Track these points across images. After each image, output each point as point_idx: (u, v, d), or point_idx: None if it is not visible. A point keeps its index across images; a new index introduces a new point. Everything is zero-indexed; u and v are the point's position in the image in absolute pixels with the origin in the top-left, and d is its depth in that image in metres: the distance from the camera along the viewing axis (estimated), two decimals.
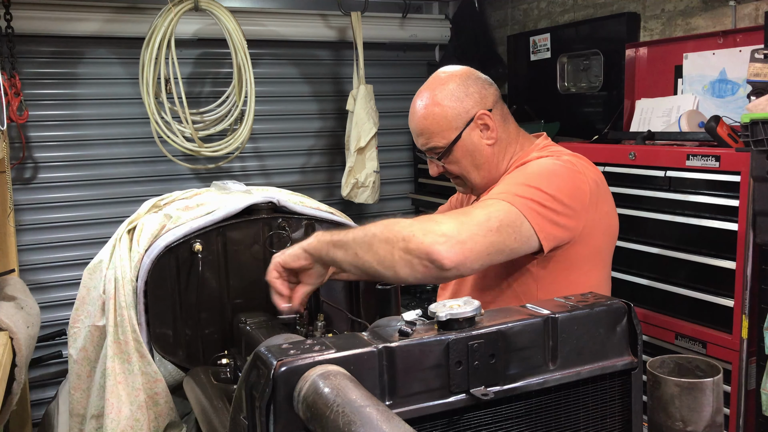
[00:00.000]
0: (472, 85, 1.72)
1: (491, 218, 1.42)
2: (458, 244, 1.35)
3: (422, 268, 1.35)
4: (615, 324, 1.11)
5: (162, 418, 1.76)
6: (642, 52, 3.16)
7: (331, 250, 1.46)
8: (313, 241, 1.50)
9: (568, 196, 1.53)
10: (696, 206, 2.41)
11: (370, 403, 0.80)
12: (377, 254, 1.39)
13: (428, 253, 1.34)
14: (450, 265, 1.34)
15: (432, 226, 1.37)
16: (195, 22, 3.54)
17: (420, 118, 1.72)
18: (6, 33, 3.15)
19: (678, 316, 2.51)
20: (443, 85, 1.72)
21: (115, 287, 1.75)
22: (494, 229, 1.40)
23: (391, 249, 1.37)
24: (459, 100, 1.70)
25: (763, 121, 1.97)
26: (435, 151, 1.73)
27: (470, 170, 1.74)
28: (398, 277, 1.39)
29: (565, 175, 1.58)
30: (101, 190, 3.63)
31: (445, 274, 1.36)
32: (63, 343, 3.01)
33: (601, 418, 1.12)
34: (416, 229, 1.37)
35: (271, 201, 1.95)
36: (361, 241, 1.42)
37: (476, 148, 1.72)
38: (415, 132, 1.75)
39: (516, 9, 4.04)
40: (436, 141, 1.71)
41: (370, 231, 1.42)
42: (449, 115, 1.69)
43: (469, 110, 1.70)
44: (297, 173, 4.12)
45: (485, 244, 1.38)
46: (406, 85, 4.21)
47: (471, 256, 1.36)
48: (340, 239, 1.45)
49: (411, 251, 1.35)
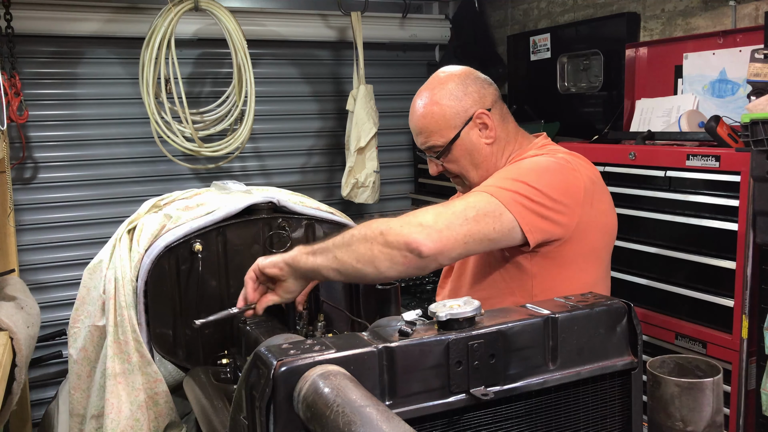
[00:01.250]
0: (471, 84, 1.73)
1: (468, 208, 1.45)
2: (435, 232, 1.38)
3: (402, 258, 1.38)
4: (615, 324, 1.11)
5: (162, 418, 1.76)
6: (642, 52, 3.15)
7: (310, 258, 1.47)
8: (294, 252, 1.52)
9: (559, 191, 1.54)
10: (696, 206, 2.41)
11: (370, 403, 0.80)
12: (356, 252, 1.41)
13: (407, 243, 1.36)
14: (428, 253, 1.37)
15: (409, 218, 1.41)
16: (195, 22, 3.54)
17: (419, 116, 1.73)
18: (6, 33, 3.15)
19: (678, 316, 2.51)
20: (442, 84, 1.73)
21: (115, 287, 1.75)
22: (471, 218, 1.43)
23: (370, 245, 1.40)
24: (458, 99, 1.71)
25: (763, 121, 1.97)
26: (434, 149, 1.74)
27: (469, 169, 1.75)
28: (379, 273, 1.41)
29: (557, 171, 1.58)
30: (101, 190, 3.63)
31: (425, 262, 1.39)
32: (63, 343, 3.00)
33: (601, 418, 1.12)
34: (393, 223, 1.40)
35: (271, 201, 1.95)
36: (340, 243, 1.44)
37: (475, 147, 1.73)
38: (415, 131, 1.77)
39: (516, 9, 4.05)
40: (435, 140, 1.72)
41: (349, 233, 1.45)
42: (448, 114, 1.70)
43: (468, 109, 1.71)
44: (297, 173, 4.12)
45: (462, 232, 1.41)
46: (406, 85, 4.21)
47: (448, 244, 1.39)
48: (319, 246, 1.48)
49: (390, 243, 1.38)
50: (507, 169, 1.64)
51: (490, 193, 1.50)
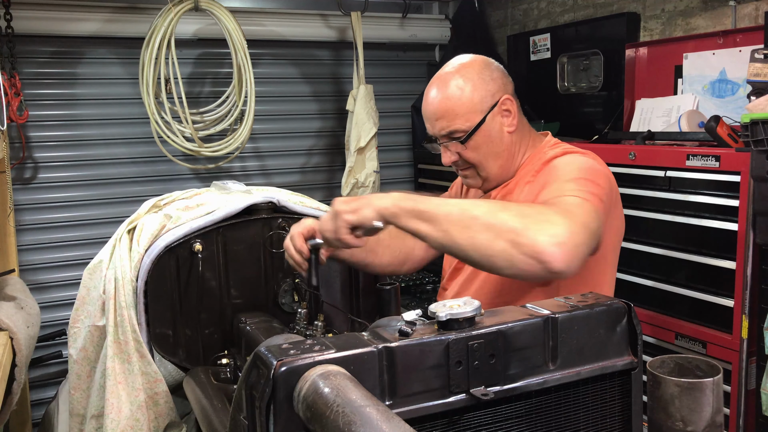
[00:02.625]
0: (495, 70, 1.69)
1: (591, 220, 1.37)
2: (570, 250, 1.27)
3: (525, 265, 1.27)
4: (615, 324, 1.11)
5: (162, 418, 1.76)
6: (642, 52, 3.16)
7: (413, 221, 1.35)
8: (388, 203, 1.37)
9: (606, 193, 1.52)
10: (696, 206, 2.41)
11: (370, 403, 0.80)
12: (474, 239, 1.30)
13: (539, 254, 1.26)
14: (557, 270, 1.27)
15: (544, 226, 1.28)
16: (195, 22, 3.54)
17: (443, 99, 1.64)
18: (6, 33, 3.15)
19: (678, 316, 2.51)
20: (468, 67, 1.66)
21: (115, 287, 1.75)
22: (594, 231, 1.37)
23: (494, 238, 1.29)
24: (485, 82, 1.65)
25: (763, 121, 1.97)
26: (455, 135, 1.65)
27: (488, 158, 1.69)
28: (491, 267, 1.32)
29: (601, 173, 1.56)
30: (101, 190, 3.63)
31: (548, 275, 1.29)
32: (63, 343, 3.01)
33: (601, 418, 1.12)
34: (529, 224, 1.28)
35: (271, 201, 1.96)
36: (457, 219, 1.32)
37: (498, 135, 1.67)
38: (436, 114, 1.66)
39: (516, 9, 4.05)
40: (459, 124, 1.64)
41: (469, 211, 1.33)
42: (475, 98, 1.63)
43: (494, 94, 1.66)
44: (297, 173, 4.12)
45: (587, 248, 1.34)
46: (406, 85, 4.22)
47: (575, 262, 1.29)
48: (425, 210, 1.35)
49: (519, 246, 1.27)
50: (566, 170, 1.55)
51: (589, 201, 1.42)
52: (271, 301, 1.98)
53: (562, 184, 1.49)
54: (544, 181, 1.57)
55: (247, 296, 1.94)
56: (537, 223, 1.29)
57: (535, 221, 1.29)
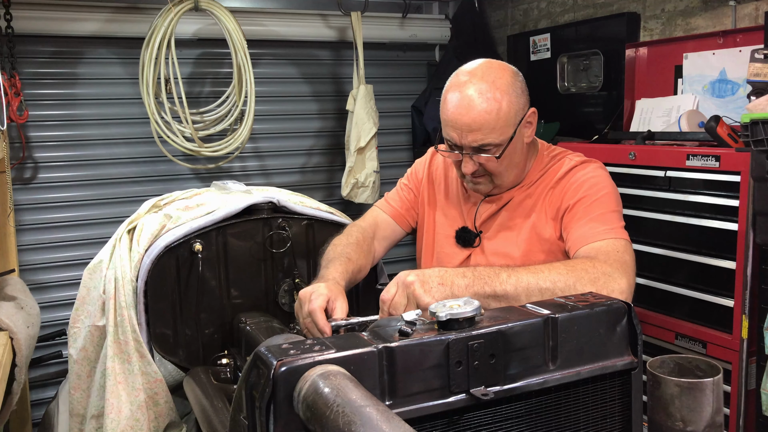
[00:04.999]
0: (521, 80, 1.68)
1: (632, 256, 1.54)
2: (632, 290, 1.46)
3: None
4: (615, 324, 1.11)
5: (162, 418, 1.77)
6: (642, 52, 3.15)
7: (492, 302, 1.38)
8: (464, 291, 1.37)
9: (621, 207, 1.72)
10: (696, 206, 2.41)
11: (370, 403, 0.80)
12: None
13: None
14: None
15: (611, 285, 1.41)
16: (195, 22, 3.54)
17: (481, 111, 1.57)
18: (6, 33, 3.15)
19: (678, 316, 2.51)
20: (501, 78, 1.62)
21: (115, 287, 1.75)
22: (635, 265, 1.53)
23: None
24: (518, 96, 1.64)
25: (763, 121, 1.97)
26: (486, 147, 1.61)
27: (509, 168, 1.68)
28: None
29: (612, 186, 1.70)
30: (101, 190, 3.63)
31: None
32: (63, 343, 3.00)
33: (601, 418, 1.12)
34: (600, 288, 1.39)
35: (271, 201, 1.96)
36: (535, 292, 1.38)
37: (520, 146, 1.68)
38: (470, 127, 1.59)
39: (516, 9, 4.04)
40: (493, 138, 1.60)
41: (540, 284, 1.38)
42: (511, 113, 1.61)
43: (524, 106, 1.66)
44: (297, 173, 4.12)
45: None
46: (406, 85, 4.21)
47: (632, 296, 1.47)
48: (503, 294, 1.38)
49: None
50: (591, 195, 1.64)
51: (624, 237, 1.58)
52: (271, 301, 1.98)
53: (596, 226, 1.59)
54: (570, 198, 1.66)
55: (247, 296, 1.94)
56: (605, 283, 1.41)
57: (603, 284, 1.41)
